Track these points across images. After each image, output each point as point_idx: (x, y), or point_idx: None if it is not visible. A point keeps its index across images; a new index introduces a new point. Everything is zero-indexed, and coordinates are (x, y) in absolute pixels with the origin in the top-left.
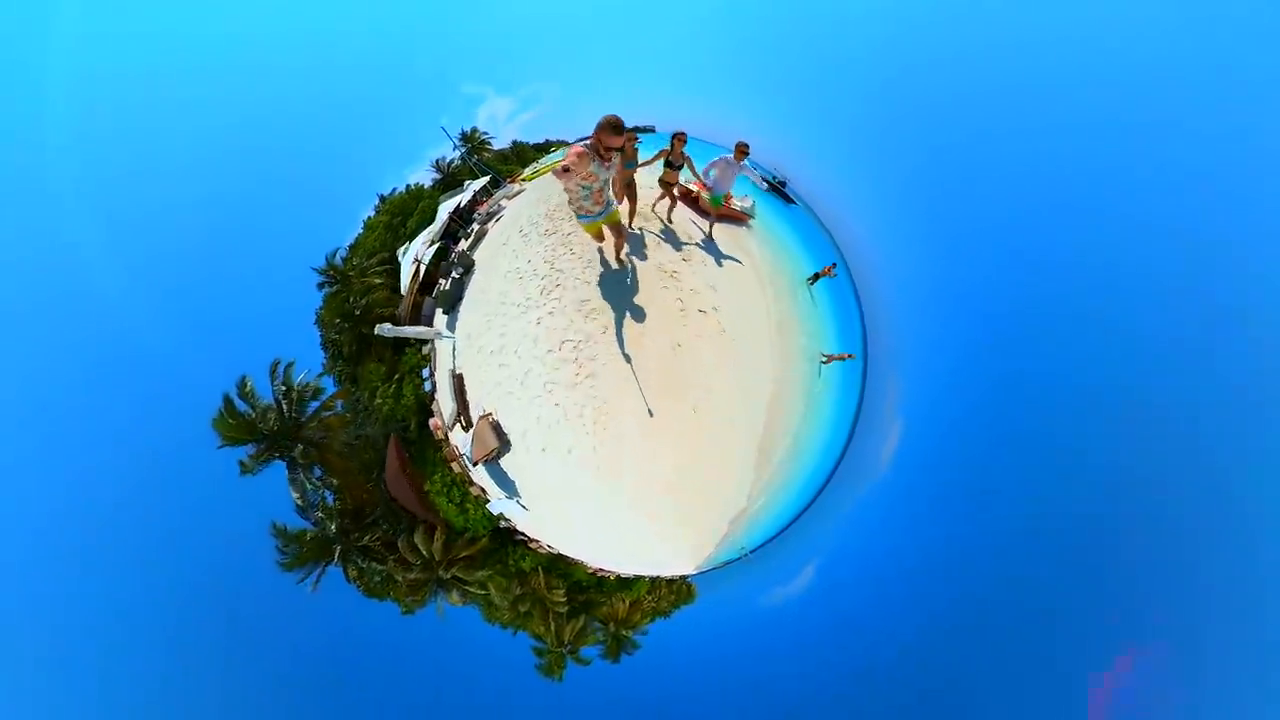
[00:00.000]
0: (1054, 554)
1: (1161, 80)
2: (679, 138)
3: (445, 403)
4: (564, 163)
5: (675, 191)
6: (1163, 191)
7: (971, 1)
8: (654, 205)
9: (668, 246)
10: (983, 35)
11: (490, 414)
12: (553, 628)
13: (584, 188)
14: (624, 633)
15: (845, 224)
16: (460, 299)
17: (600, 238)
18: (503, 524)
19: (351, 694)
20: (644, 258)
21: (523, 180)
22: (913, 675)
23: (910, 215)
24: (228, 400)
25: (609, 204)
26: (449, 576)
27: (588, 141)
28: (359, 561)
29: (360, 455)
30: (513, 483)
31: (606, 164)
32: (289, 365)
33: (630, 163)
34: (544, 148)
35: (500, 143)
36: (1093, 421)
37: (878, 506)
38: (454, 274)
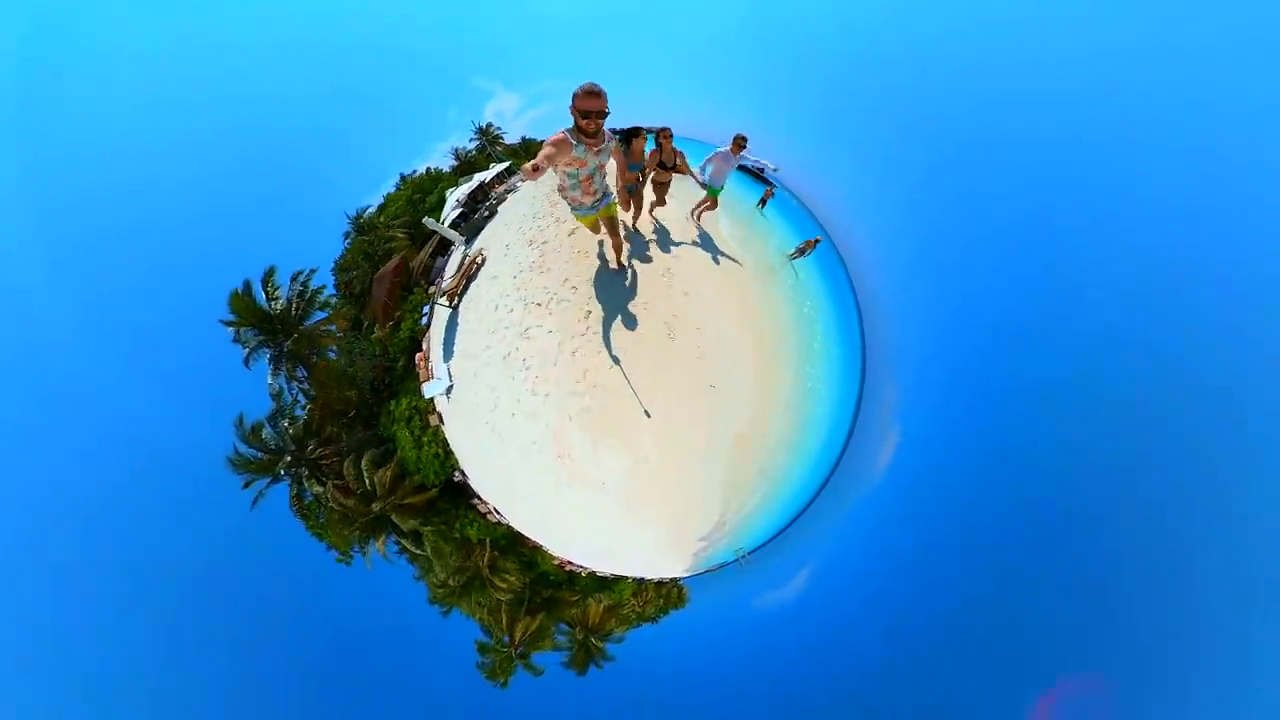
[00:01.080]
0: (1048, 565)
1: (1166, 91)
2: (665, 135)
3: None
4: (535, 161)
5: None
6: (1162, 205)
7: (978, 15)
8: (651, 210)
9: (658, 246)
10: (989, 47)
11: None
12: (503, 620)
13: (570, 175)
14: (594, 641)
15: (847, 233)
16: (481, 230)
17: (597, 230)
18: (457, 477)
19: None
20: (637, 257)
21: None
22: (905, 683)
23: (912, 223)
24: (248, 284)
25: (604, 196)
26: (380, 510)
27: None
28: (304, 478)
29: (342, 388)
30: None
31: (596, 149)
32: (311, 272)
33: (635, 164)
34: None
35: (510, 138)
36: (1091, 435)
37: (873, 513)
38: (482, 213)
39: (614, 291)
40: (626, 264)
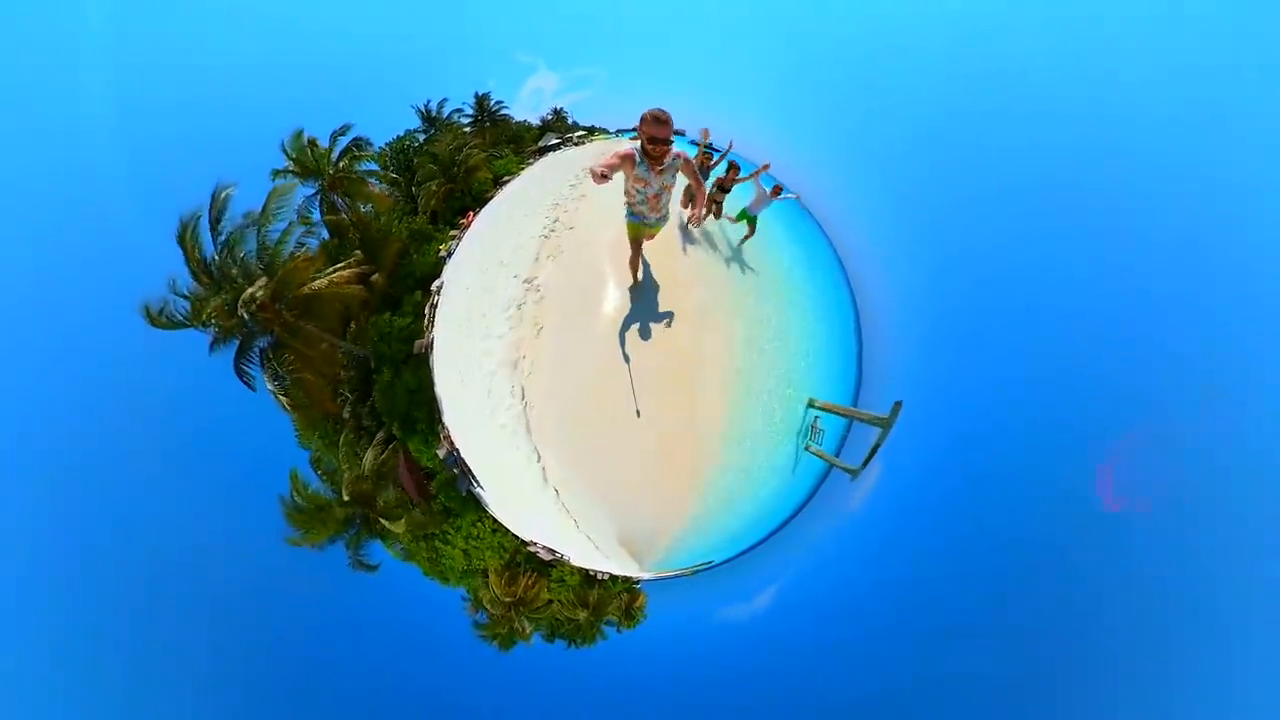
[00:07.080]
0: (1017, 611)
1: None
2: (733, 165)
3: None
4: (600, 168)
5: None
6: (1165, 311)
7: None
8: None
9: (689, 256)
10: (1036, 145)
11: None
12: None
13: (639, 192)
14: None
15: (854, 256)
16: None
17: (634, 240)
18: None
19: None
20: (668, 263)
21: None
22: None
23: (930, 279)
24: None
25: (664, 217)
26: None
27: (636, 143)
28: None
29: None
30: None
31: (658, 169)
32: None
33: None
34: (590, 130)
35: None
36: (1074, 498)
37: (845, 543)
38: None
39: (629, 292)
40: (642, 277)
